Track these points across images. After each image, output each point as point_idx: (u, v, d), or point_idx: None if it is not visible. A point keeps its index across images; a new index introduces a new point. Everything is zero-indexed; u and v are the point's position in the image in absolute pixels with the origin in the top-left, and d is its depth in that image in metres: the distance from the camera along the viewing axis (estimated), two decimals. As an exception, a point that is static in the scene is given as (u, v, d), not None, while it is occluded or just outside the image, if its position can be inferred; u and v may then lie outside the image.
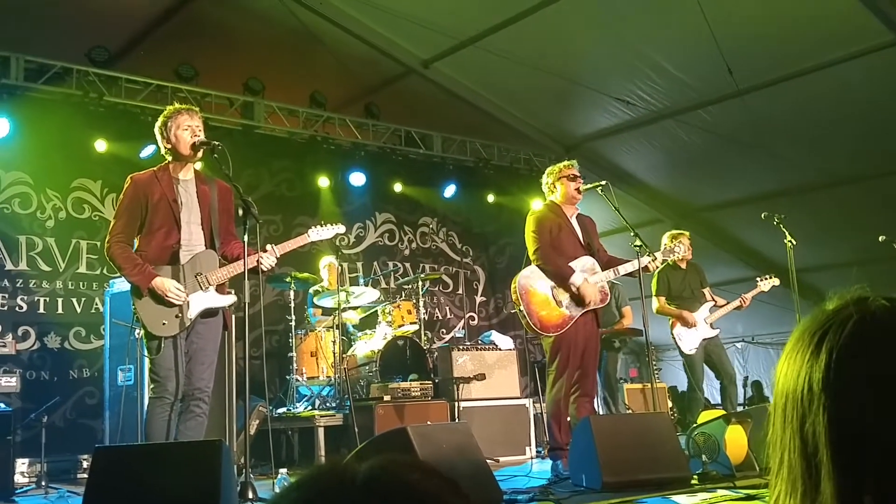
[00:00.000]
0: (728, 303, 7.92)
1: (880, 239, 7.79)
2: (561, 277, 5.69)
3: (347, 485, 0.73)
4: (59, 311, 7.80)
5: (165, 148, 4.73)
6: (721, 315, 7.88)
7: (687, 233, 7.78)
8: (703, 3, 7.53)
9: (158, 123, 4.74)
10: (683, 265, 7.91)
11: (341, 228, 5.30)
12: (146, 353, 4.56)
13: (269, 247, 4.75)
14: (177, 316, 4.51)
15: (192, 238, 4.65)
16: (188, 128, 4.67)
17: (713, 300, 7.92)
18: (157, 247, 4.56)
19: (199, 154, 4.71)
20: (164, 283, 4.45)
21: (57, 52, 7.96)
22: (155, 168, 4.77)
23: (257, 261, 4.64)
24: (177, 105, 4.86)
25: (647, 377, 11.46)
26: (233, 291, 4.92)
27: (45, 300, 7.75)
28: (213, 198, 4.75)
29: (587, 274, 5.74)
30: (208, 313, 4.65)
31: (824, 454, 0.90)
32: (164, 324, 4.47)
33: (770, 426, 1.00)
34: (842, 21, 7.95)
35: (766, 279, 7.86)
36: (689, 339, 7.67)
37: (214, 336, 4.71)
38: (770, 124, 9.55)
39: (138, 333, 4.80)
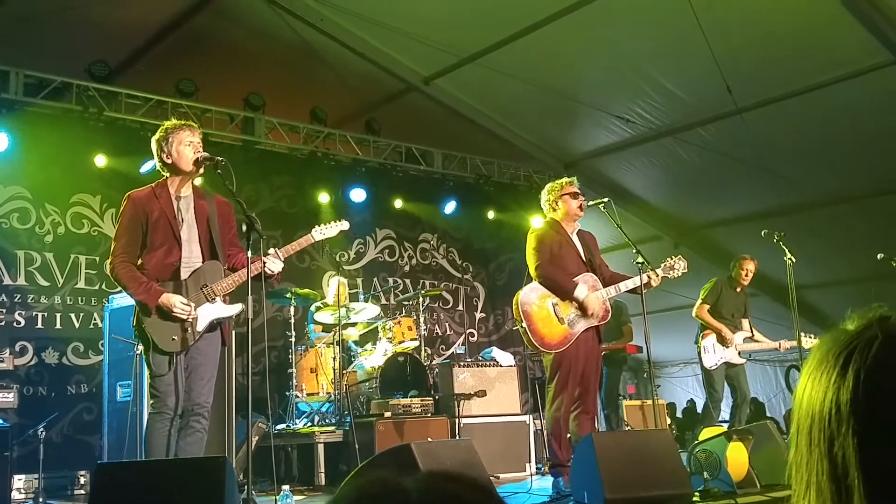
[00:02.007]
0: (765, 340, 8.09)
1: (878, 257, 7.82)
2: (564, 291, 5.68)
3: (403, 501, 0.74)
4: (58, 326, 7.77)
5: (164, 163, 4.70)
6: (753, 349, 8.01)
7: (755, 260, 7.93)
8: (703, 21, 7.57)
9: (157, 137, 4.71)
10: (738, 289, 8.02)
11: (345, 225, 5.27)
12: (153, 369, 4.51)
13: (272, 250, 4.73)
14: (185, 330, 4.51)
15: (192, 255, 4.65)
16: (190, 144, 4.66)
17: (752, 332, 8.01)
18: (157, 264, 4.55)
19: (201, 170, 4.71)
20: (171, 299, 4.44)
21: (56, 66, 7.95)
22: (153, 185, 4.73)
23: (263, 266, 4.62)
24: (176, 120, 4.84)
25: (645, 394, 11.48)
26: (229, 301, 4.89)
27: (43, 315, 7.72)
28: (211, 212, 4.74)
29: (588, 291, 5.74)
30: (210, 328, 4.64)
31: (855, 477, 0.89)
32: (173, 339, 4.47)
33: (794, 447, 1.00)
34: (841, 41, 7.99)
35: (809, 337, 7.89)
36: (714, 355, 7.79)
37: (214, 351, 4.70)
38: (769, 143, 9.57)
39: (138, 350, 4.74)
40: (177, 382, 4.47)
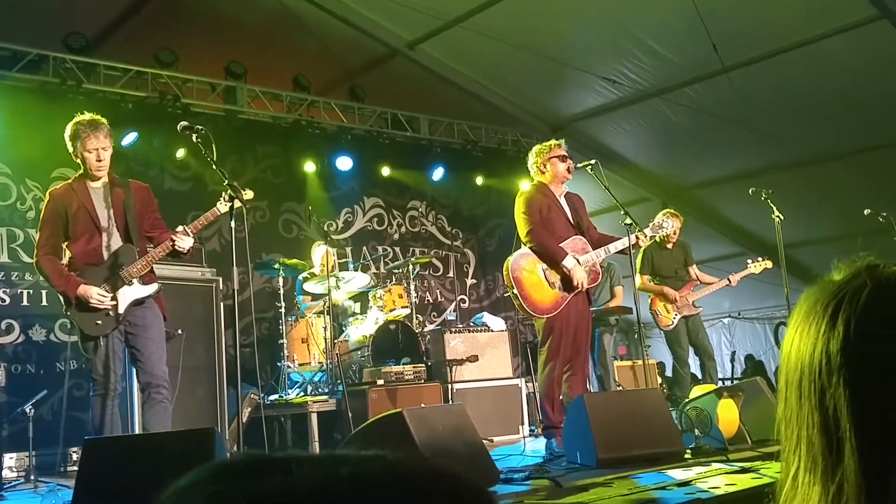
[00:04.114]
0: (714, 280, 8.07)
1: (865, 213, 7.83)
2: (553, 259, 5.67)
3: None
4: (44, 303, 7.69)
5: (75, 159, 4.94)
6: (707, 293, 8.06)
7: (680, 216, 7.92)
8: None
9: (68, 133, 4.89)
10: (670, 245, 8.02)
11: (250, 194, 5.12)
12: (84, 353, 4.82)
13: (180, 228, 4.87)
14: (108, 314, 4.75)
15: (112, 240, 4.89)
16: (94, 151, 4.82)
17: (698, 279, 8.04)
18: (81, 252, 4.82)
19: (105, 171, 4.90)
20: (88, 291, 4.69)
21: (31, 39, 7.81)
22: (70, 180, 5.01)
23: (172, 245, 4.80)
24: (82, 118, 4.93)
25: (637, 354, 11.53)
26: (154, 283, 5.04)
27: (28, 292, 7.64)
28: (127, 199, 4.97)
29: (578, 254, 5.72)
30: (137, 303, 4.87)
31: (847, 429, 0.87)
32: (97, 323, 4.74)
33: (783, 402, 0.97)
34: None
35: (757, 262, 7.91)
36: (667, 315, 7.83)
37: (155, 325, 4.93)
38: (756, 101, 9.53)
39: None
40: (113, 363, 4.72)
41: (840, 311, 0.91)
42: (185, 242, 4.80)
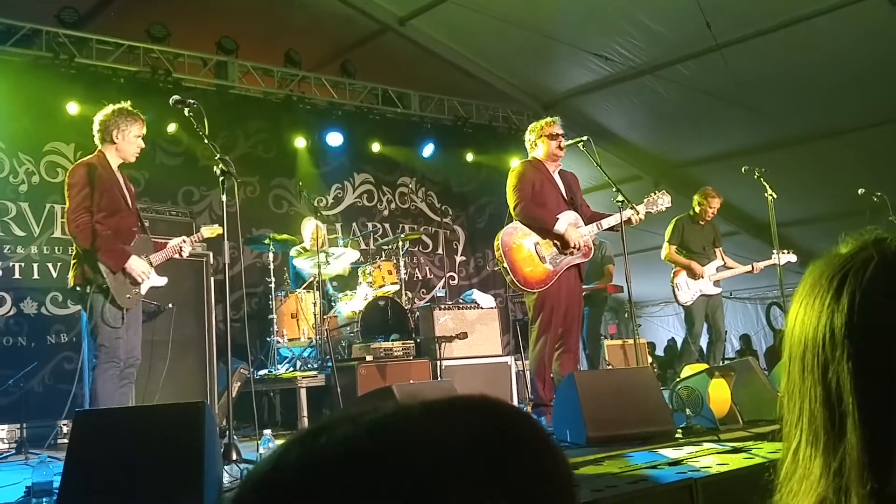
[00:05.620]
0: (738, 265, 8.08)
1: (859, 192, 7.83)
2: (544, 228, 5.68)
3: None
4: (35, 276, 7.67)
5: (110, 139, 5.02)
6: (727, 276, 8.07)
7: (720, 196, 7.90)
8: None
9: (113, 112, 5.02)
10: (702, 223, 8.02)
11: (219, 230, 5.50)
12: (107, 322, 4.89)
13: (196, 234, 5.40)
14: (136, 292, 5.04)
15: (135, 224, 5.16)
16: (140, 138, 5.09)
17: (723, 260, 8.05)
18: (118, 228, 4.97)
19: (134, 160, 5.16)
20: (139, 265, 4.93)
21: (24, 13, 7.76)
22: (94, 157, 5.08)
23: (180, 248, 5.23)
24: (126, 106, 5.14)
25: (626, 333, 11.56)
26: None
27: (20, 265, 7.61)
28: (132, 189, 5.29)
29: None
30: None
31: (850, 403, 0.86)
32: (128, 297, 4.94)
33: (786, 375, 0.96)
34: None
35: (783, 253, 7.85)
36: (688, 291, 7.82)
37: (139, 312, 5.23)
38: (748, 78, 9.50)
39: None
40: (125, 334, 4.95)
41: (845, 285, 0.90)
42: (189, 249, 5.34)
